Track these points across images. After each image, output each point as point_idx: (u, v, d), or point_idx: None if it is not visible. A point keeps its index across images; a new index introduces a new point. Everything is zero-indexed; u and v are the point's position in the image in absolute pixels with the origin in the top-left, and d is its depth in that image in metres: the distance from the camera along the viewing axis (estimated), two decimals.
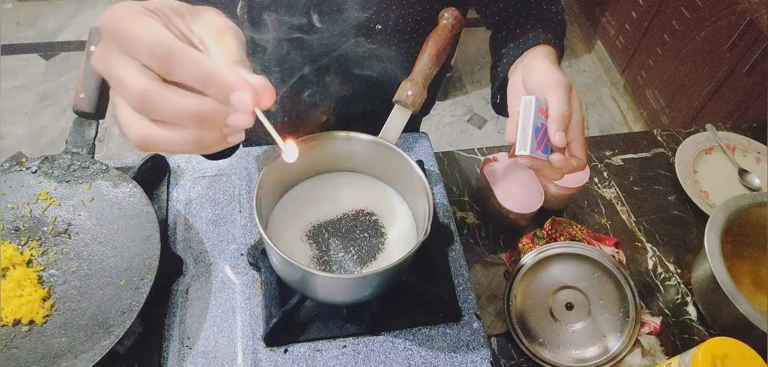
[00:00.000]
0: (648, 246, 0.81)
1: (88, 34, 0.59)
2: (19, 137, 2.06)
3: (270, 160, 0.56)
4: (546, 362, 0.66)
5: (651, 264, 0.79)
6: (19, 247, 0.59)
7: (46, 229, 0.60)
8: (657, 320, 0.71)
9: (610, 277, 0.67)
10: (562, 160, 0.52)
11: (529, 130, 0.51)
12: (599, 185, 0.88)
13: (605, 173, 0.90)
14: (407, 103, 0.60)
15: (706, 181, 0.90)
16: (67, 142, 0.63)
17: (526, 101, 0.53)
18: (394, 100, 0.61)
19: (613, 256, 0.73)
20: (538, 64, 0.58)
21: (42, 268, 0.58)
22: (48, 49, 2.40)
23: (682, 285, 0.76)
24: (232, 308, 0.60)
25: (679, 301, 0.75)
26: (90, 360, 0.49)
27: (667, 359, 0.63)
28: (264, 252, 0.63)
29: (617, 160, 0.92)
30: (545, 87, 0.54)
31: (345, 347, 0.58)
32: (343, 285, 0.55)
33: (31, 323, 0.54)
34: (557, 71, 0.56)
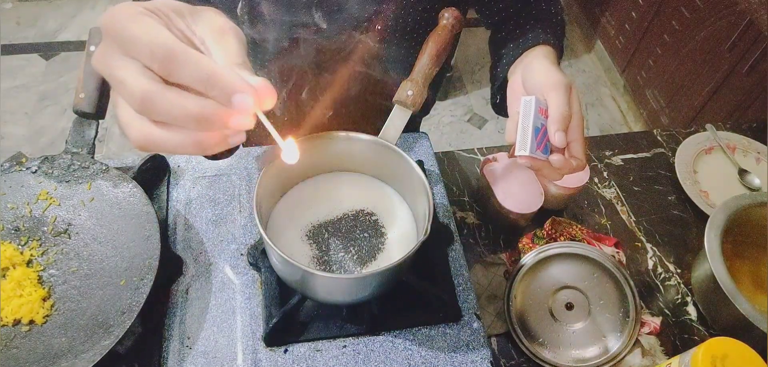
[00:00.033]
0: (648, 246, 0.81)
1: (88, 34, 0.59)
2: (19, 137, 2.06)
3: (270, 160, 0.56)
4: (546, 362, 0.66)
5: (651, 264, 0.79)
6: (19, 247, 0.59)
7: (46, 229, 0.60)
8: (657, 320, 0.71)
9: (610, 277, 0.67)
10: (562, 160, 0.53)
11: (529, 131, 0.51)
12: (599, 184, 0.88)
13: (605, 173, 0.90)
14: (407, 103, 0.60)
15: (706, 182, 0.90)
16: (67, 142, 0.63)
17: (525, 102, 0.53)
18: (394, 100, 0.61)
19: (613, 256, 0.73)
20: (537, 65, 0.58)
21: (42, 268, 0.58)
22: (48, 49, 2.40)
23: (682, 285, 0.76)
24: (232, 308, 0.60)
25: (679, 301, 0.75)
26: (90, 360, 0.49)
27: (667, 359, 0.63)
28: (264, 252, 0.63)
29: (617, 160, 0.92)
30: (545, 87, 0.54)
31: (345, 347, 0.58)
32: (343, 285, 0.55)
33: (31, 323, 0.54)
34: (557, 72, 0.56)
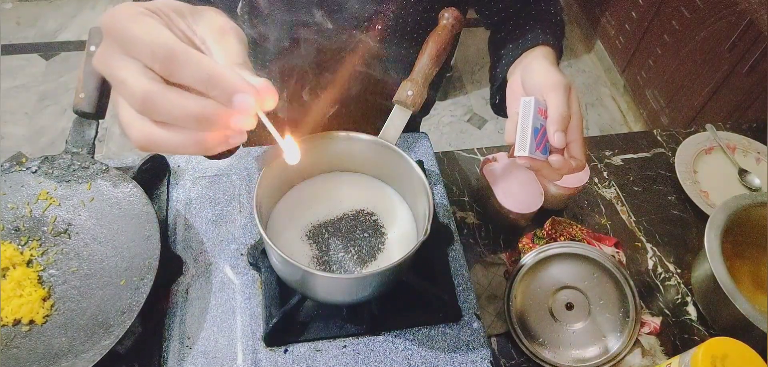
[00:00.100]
0: (648, 246, 0.81)
1: (88, 34, 0.59)
2: (19, 137, 2.06)
3: (270, 160, 0.56)
4: (546, 362, 0.66)
5: (651, 264, 0.79)
6: (19, 247, 0.59)
7: (46, 229, 0.60)
8: (657, 320, 0.71)
9: (610, 277, 0.67)
10: (561, 161, 0.53)
11: (529, 131, 0.51)
12: (599, 184, 0.88)
13: (605, 173, 0.90)
14: (407, 103, 0.60)
15: (706, 182, 0.90)
16: (67, 142, 0.63)
17: (525, 102, 0.53)
18: (394, 100, 0.61)
19: (613, 256, 0.73)
20: (537, 65, 0.58)
21: (42, 268, 0.58)
22: (48, 49, 2.40)
23: (682, 285, 0.76)
24: (232, 308, 0.60)
25: (679, 301, 0.75)
26: (90, 360, 0.49)
27: (667, 359, 0.63)
28: (264, 252, 0.63)
29: (617, 160, 0.92)
30: (544, 88, 0.54)
31: (345, 347, 0.59)
32: (343, 285, 0.55)
33: (31, 323, 0.54)
34: (556, 72, 0.56)
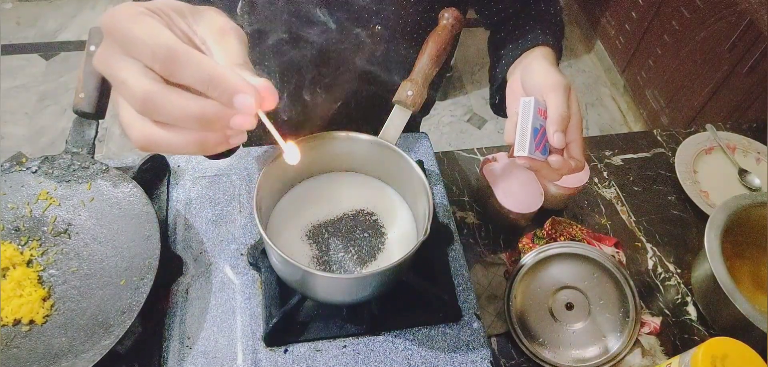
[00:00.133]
0: (648, 246, 0.81)
1: (88, 34, 0.59)
2: (19, 137, 2.06)
3: (270, 160, 0.56)
4: (546, 362, 0.66)
5: (651, 264, 0.79)
6: (19, 247, 0.59)
7: (46, 229, 0.60)
8: (657, 320, 0.71)
9: (610, 277, 0.67)
10: (561, 161, 0.53)
11: (528, 132, 0.51)
12: (599, 184, 0.88)
13: (605, 173, 0.90)
14: (407, 103, 0.60)
15: (706, 181, 0.90)
16: (67, 142, 0.63)
17: (525, 102, 0.53)
18: (394, 100, 0.61)
19: (613, 256, 0.73)
20: (537, 66, 0.58)
21: (42, 268, 0.58)
22: (48, 49, 2.40)
23: (682, 285, 0.76)
24: (232, 308, 0.60)
25: (679, 301, 0.75)
26: (90, 360, 0.49)
27: (667, 359, 0.63)
28: (264, 252, 0.63)
29: (617, 160, 0.92)
30: (544, 88, 0.54)
31: (345, 347, 0.58)
32: (343, 285, 0.55)
33: (31, 323, 0.54)
34: (556, 73, 0.56)
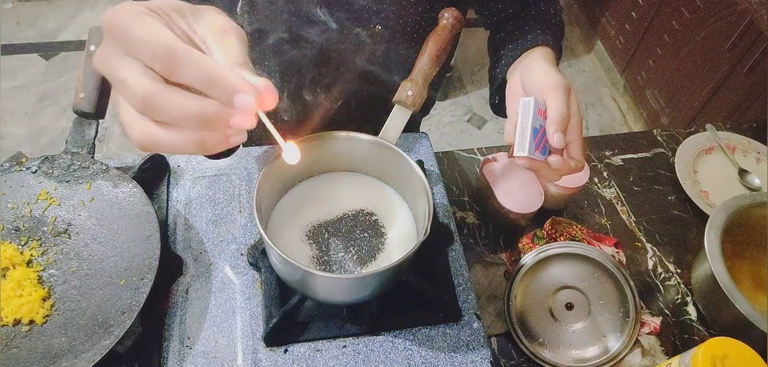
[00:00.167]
0: (648, 246, 0.81)
1: (87, 34, 0.59)
2: (19, 137, 2.06)
3: (270, 160, 0.56)
4: (546, 362, 0.66)
5: (651, 264, 0.79)
6: (19, 247, 0.59)
7: (46, 229, 0.60)
8: (657, 320, 0.71)
9: (610, 277, 0.67)
10: (560, 161, 0.53)
11: (528, 132, 0.51)
12: (599, 184, 0.88)
13: (605, 173, 0.90)
14: (407, 103, 0.60)
15: (706, 181, 0.90)
16: (67, 142, 0.63)
17: (525, 103, 0.53)
18: (394, 100, 0.61)
19: (613, 256, 0.73)
20: (536, 66, 0.58)
21: (42, 268, 0.58)
22: (48, 49, 2.40)
23: (682, 285, 0.76)
24: (232, 308, 0.60)
25: (679, 301, 0.75)
26: (90, 360, 0.49)
27: (667, 359, 0.63)
28: (264, 252, 0.63)
29: (617, 160, 0.92)
30: (544, 89, 0.54)
31: (345, 347, 0.58)
32: (343, 285, 0.55)
33: (31, 323, 0.54)
34: (556, 73, 0.56)
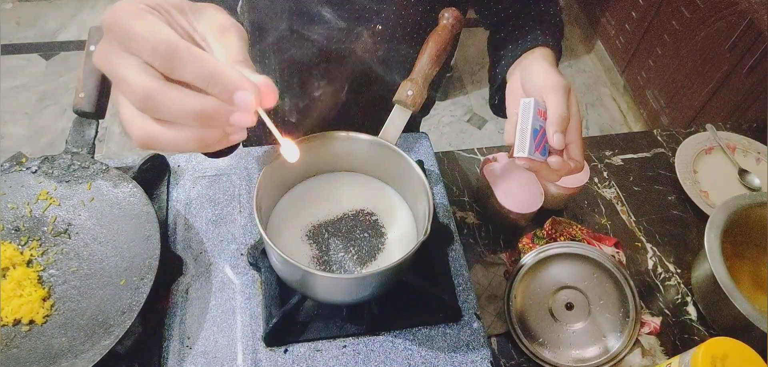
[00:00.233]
0: (648, 246, 0.81)
1: (87, 33, 0.59)
2: (19, 137, 2.06)
3: (270, 160, 0.56)
4: (546, 362, 0.66)
5: (651, 264, 0.79)
6: (19, 247, 0.59)
7: (46, 229, 0.60)
8: (657, 320, 0.71)
9: (610, 277, 0.67)
10: (560, 162, 0.53)
11: (528, 133, 0.51)
12: (599, 184, 0.88)
13: (605, 173, 0.90)
14: (407, 103, 0.60)
15: (706, 181, 0.90)
16: (67, 142, 0.63)
17: (525, 103, 0.53)
18: (394, 100, 0.61)
19: (613, 256, 0.73)
20: (536, 67, 0.58)
21: (42, 268, 0.58)
22: (48, 49, 2.40)
23: (682, 285, 0.76)
24: (232, 308, 0.60)
25: (679, 301, 0.75)
26: (90, 360, 0.49)
27: (667, 359, 0.63)
28: (264, 252, 0.63)
29: (617, 160, 0.92)
30: (544, 89, 0.54)
31: (345, 347, 0.58)
32: (343, 285, 0.55)
33: (31, 323, 0.54)
34: (556, 74, 0.56)
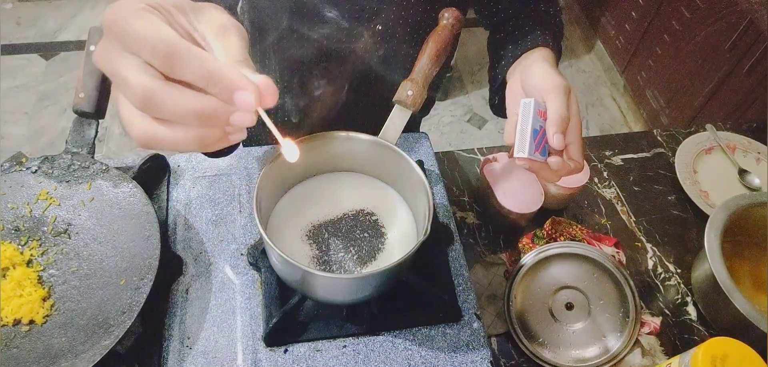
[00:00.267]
0: (648, 246, 0.81)
1: (87, 34, 0.59)
2: (19, 137, 2.06)
3: (270, 160, 0.56)
4: (546, 362, 0.66)
5: (651, 264, 0.79)
6: (19, 247, 0.59)
7: (46, 229, 0.60)
8: (657, 320, 0.71)
9: (610, 277, 0.67)
10: (560, 162, 0.53)
11: (528, 133, 0.51)
12: (599, 185, 0.88)
13: (605, 173, 0.90)
14: (407, 103, 0.60)
15: (706, 182, 0.90)
16: (67, 142, 0.63)
17: (525, 104, 0.53)
18: (394, 100, 0.61)
19: (613, 256, 0.73)
20: (537, 67, 0.58)
21: (42, 268, 0.58)
22: (48, 49, 2.40)
23: (682, 285, 0.76)
24: (232, 308, 0.60)
25: (679, 301, 0.75)
26: (90, 360, 0.49)
27: (667, 359, 0.63)
28: (264, 252, 0.63)
29: (617, 160, 0.92)
30: (544, 90, 0.54)
31: (345, 347, 0.58)
32: (343, 285, 0.55)
33: (31, 323, 0.54)
34: (556, 74, 0.56)
